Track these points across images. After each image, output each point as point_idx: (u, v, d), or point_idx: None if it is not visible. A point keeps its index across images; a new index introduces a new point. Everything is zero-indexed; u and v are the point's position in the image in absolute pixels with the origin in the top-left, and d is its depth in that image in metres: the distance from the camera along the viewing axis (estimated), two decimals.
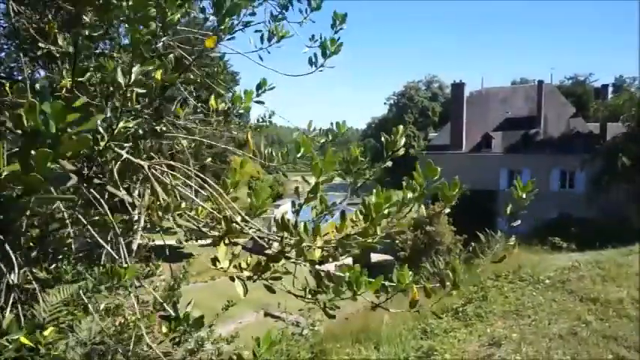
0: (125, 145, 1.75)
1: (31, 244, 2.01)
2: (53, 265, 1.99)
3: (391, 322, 7.24)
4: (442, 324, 6.58)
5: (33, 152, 0.72)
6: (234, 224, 1.65)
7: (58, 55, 1.85)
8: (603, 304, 5.88)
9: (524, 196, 1.59)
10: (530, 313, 6.15)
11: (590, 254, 8.35)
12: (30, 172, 0.72)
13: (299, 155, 1.62)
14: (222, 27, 1.62)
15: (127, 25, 1.27)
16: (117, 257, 1.66)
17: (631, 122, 17.15)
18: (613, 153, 17.21)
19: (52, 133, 0.71)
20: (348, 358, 6.36)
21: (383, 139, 1.68)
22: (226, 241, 1.61)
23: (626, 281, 6.41)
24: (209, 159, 4.20)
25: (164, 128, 2.39)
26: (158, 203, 1.70)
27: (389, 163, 1.96)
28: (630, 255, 7.51)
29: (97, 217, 2.05)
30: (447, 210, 1.89)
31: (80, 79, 1.69)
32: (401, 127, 1.75)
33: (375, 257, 28.50)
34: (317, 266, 1.49)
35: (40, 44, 1.83)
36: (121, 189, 1.75)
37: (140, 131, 2.07)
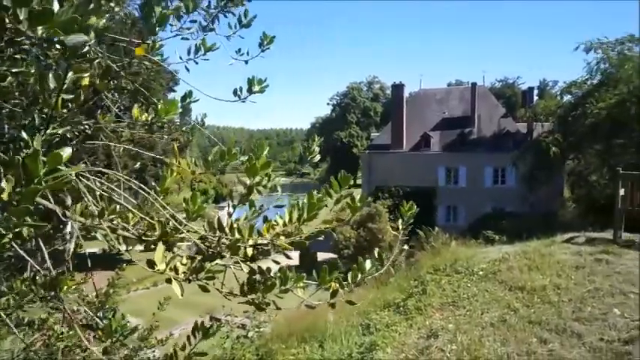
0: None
1: None
2: None
3: (336, 319, 7.37)
4: (384, 319, 6.79)
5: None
6: (168, 228, 1.65)
7: None
8: (529, 291, 6.32)
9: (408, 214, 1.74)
10: (465, 303, 6.48)
11: (519, 246, 8.93)
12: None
13: (224, 163, 1.63)
14: (152, 37, 1.60)
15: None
16: (39, 269, 1.59)
17: (554, 121, 18.63)
18: (538, 149, 18.55)
19: (42, 176, 0.85)
20: (293, 358, 6.40)
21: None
22: (162, 245, 1.59)
23: (549, 269, 6.93)
24: (149, 162, 4.07)
25: (93, 133, 2.30)
26: (90, 210, 1.65)
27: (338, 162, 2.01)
28: (552, 245, 8.12)
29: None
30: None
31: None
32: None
33: (321, 256, 28.78)
34: (249, 263, 1.53)
35: None
36: (50, 199, 1.67)
37: (69, 136, 1.99)
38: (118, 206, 1.72)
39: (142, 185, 1.96)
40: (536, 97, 38.37)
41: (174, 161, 2.29)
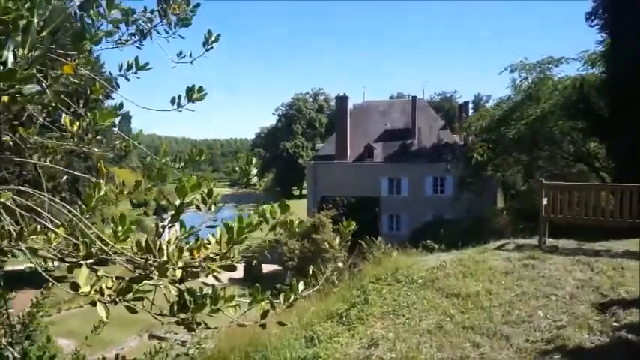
0: None
1: None
2: None
3: (280, 332, 7.33)
4: (328, 330, 6.83)
5: None
6: (93, 248, 1.59)
7: None
8: (464, 297, 6.63)
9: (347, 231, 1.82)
10: (405, 312, 6.68)
11: (455, 253, 9.33)
12: None
13: (152, 185, 1.62)
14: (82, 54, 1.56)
15: None
16: None
17: (485, 133, 19.90)
18: (469, 159, 19.70)
19: None
20: None
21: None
22: (86, 267, 1.54)
23: (482, 276, 7.31)
24: (84, 172, 3.88)
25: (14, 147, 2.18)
26: (7, 230, 1.56)
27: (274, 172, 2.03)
28: (485, 252, 8.57)
29: None
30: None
31: None
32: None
33: (266, 268, 28.49)
34: (178, 284, 1.51)
35: None
36: None
37: None
38: (39, 226, 1.64)
39: (65, 205, 1.88)
40: (471, 110, 40.61)
41: (100, 180, 2.22)
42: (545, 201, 8.34)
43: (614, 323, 5.13)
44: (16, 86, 0.90)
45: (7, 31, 0.87)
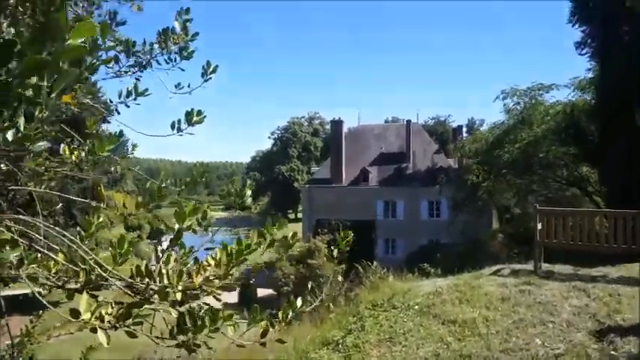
0: None
1: None
2: None
3: (274, 358, 7.21)
4: (323, 358, 6.74)
5: None
6: (93, 275, 1.59)
7: None
8: (461, 324, 6.58)
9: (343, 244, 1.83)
10: (401, 339, 6.61)
11: (451, 279, 9.29)
12: None
13: (154, 204, 1.64)
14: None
15: None
16: None
17: (479, 156, 20.14)
18: (463, 182, 19.87)
19: None
20: None
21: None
22: (86, 294, 1.54)
23: (478, 302, 7.27)
24: (78, 194, 3.87)
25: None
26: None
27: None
28: (481, 278, 8.54)
29: None
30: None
31: None
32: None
33: (260, 292, 28.13)
34: (178, 307, 1.52)
35: None
36: None
37: None
38: (39, 254, 1.65)
39: (64, 232, 1.89)
40: (465, 134, 41.10)
41: (100, 204, 2.23)
42: (539, 226, 8.38)
43: (613, 352, 5.11)
44: (28, 146, 0.93)
45: (19, 98, 0.91)
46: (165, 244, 1.65)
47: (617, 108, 12.64)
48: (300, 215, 39.48)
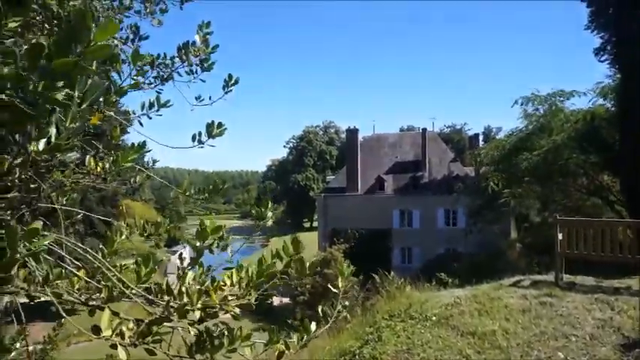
0: None
1: None
2: None
3: None
4: None
5: None
6: (114, 291, 1.62)
7: None
8: (480, 337, 6.47)
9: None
10: (419, 351, 6.52)
11: (469, 289, 9.15)
12: None
13: (172, 226, 1.67)
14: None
15: None
16: None
17: (496, 164, 19.85)
18: (481, 189, 19.57)
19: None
20: None
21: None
22: (108, 310, 1.56)
23: (497, 314, 7.14)
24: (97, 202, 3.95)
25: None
26: (33, 275, 1.61)
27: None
28: (500, 289, 8.39)
29: None
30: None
31: None
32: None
33: (277, 300, 28.13)
34: (197, 325, 1.53)
35: None
36: None
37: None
38: (63, 270, 1.69)
39: (87, 249, 1.93)
40: (482, 142, 40.64)
41: (122, 222, 2.27)
42: (560, 236, 8.22)
43: None
44: (59, 157, 0.95)
45: (51, 102, 0.94)
46: (182, 252, 1.67)
47: (639, 115, 12.38)
48: (315, 224, 39.46)
